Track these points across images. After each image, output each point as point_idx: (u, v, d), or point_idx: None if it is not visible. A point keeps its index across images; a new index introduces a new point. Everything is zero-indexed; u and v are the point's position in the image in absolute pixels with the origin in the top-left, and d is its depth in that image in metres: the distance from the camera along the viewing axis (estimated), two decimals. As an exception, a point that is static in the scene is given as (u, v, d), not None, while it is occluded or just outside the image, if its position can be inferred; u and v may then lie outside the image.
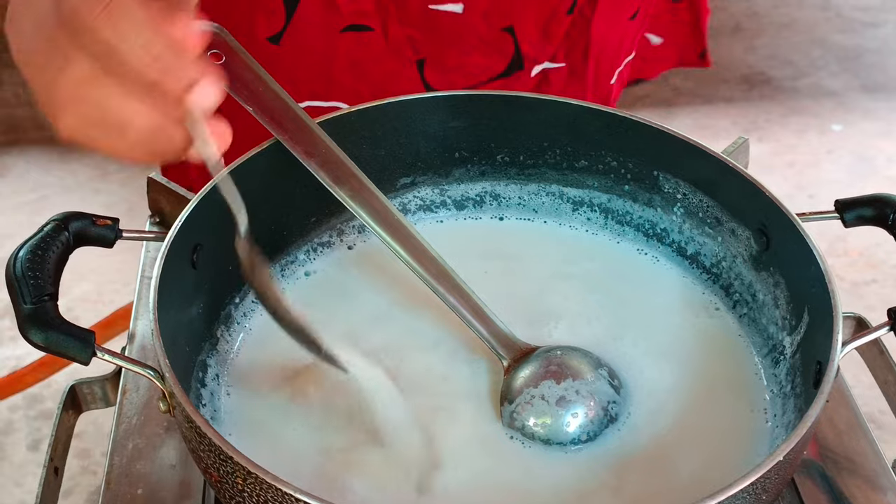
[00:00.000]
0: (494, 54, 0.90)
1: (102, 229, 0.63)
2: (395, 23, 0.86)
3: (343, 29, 0.86)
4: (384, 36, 0.87)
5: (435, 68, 0.91)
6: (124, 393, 0.71)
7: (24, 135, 2.26)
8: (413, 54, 0.89)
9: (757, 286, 0.70)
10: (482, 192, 0.79)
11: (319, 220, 0.75)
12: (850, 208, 0.67)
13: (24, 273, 0.57)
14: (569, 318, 0.72)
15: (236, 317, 0.70)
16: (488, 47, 0.90)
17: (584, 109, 0.74)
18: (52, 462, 0.67)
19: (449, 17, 0.86)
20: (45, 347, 0.55)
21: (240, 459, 0.51)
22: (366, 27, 0.86)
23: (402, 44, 0.88)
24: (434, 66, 0.90)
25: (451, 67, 0.91)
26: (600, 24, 0.92)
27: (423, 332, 0.70)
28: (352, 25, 0.86)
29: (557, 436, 0.62)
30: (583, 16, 0.91)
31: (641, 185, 0.75)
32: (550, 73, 0.93)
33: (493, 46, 0.90)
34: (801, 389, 0.63)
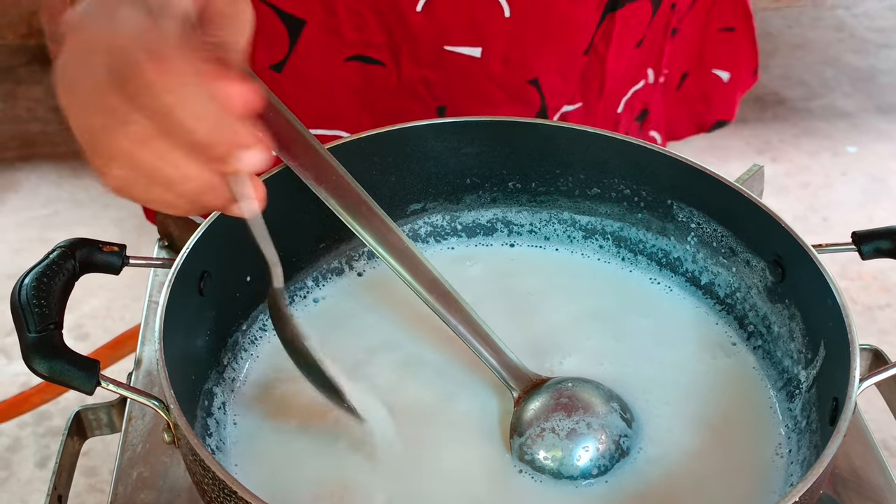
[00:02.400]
0: (520, 106, 0.89)
1: (109, 256, 0.62)
2: (408, 61, 0.85)
3: (348, 58, 0.85)
4: (397, 73, 0.86)
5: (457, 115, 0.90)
6: (129, 420, 0.70)
7: (37, 150, 2.27)
8: (431, 99, 0.88)
9: (772, 318, 0.69)
10: (493, 219, 0.78)
11: (329, 247, 0.74)
12: (867, 241, 0.66)
13: (28, 301, 0.56)
14: (580, 348, 0.71)
15: (243, 344, 0.69)
16: (513, 100, 0.89)
17: (597, 137, 0.73)
18: (55, 490, 0.66)
19: (466, 61, 0.85)
20: (49, 377, 0.55)
21: (244, 494, 0.50)
22: (374, 60, 0.85)
23: (417, 83, 0.87)
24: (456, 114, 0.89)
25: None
26: (613, 60, 0.91)
27: (433, 362, 0.69)
28: (358, 56, 0.85)
29: (568, 470, 0.61)
30: (597, 54, 0.90)
31: (655, 213, 0.74)
32: (569, 116, 0.93)
33: (519, 99, 0.89)
34: (816, 425, 0.62)
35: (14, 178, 2.22)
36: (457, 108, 0.89)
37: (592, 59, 0.90)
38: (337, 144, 0.71)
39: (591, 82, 0.92)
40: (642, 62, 0.98)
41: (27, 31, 2.43)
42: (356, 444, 0.64)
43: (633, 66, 0.96)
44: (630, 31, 0.92)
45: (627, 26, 0.91)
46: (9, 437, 1.73)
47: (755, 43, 1.09)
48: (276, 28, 0.84)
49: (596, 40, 0.89)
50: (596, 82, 0.92)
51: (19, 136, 2.29)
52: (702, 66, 1.07)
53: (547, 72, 0.88)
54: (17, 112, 2.33)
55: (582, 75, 0.91)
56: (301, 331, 0.60)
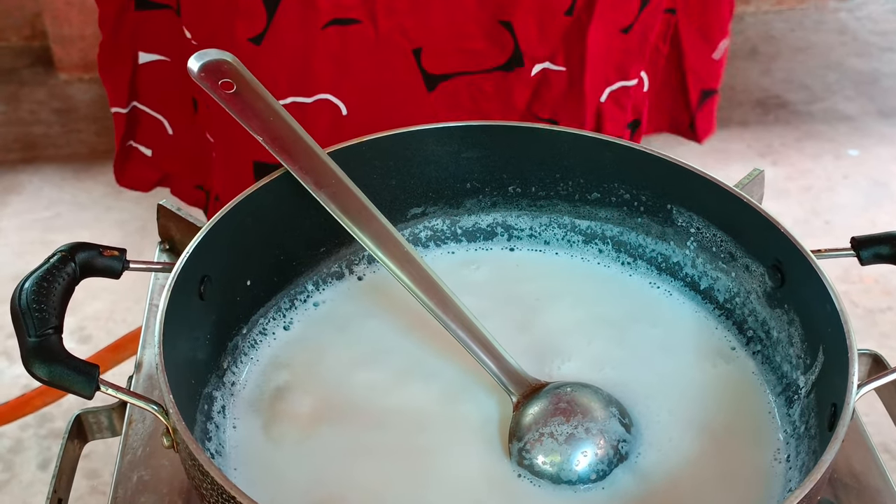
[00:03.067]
0: (495, 46, 0.90)
1: (109, 260, 0.62)
2: (383, 14, 0.85)
3: (325, 25, 0.86)
4: (373, 27, 0.86)
5: (433, 55, 0.91)
6: (130, 423, 0.70)
7: (39, 153, 2.26)
8: (408, 44, 0.88)
9: (771, 323, 0.69)
10: (493, 224, 0.78)
11: (329, 251, 0.75)
12: (867, 246, 0.66)
13: (28, 305, 0.56)
14: (579, 353, 0.71)
15: (243, 348, 0.69)
16: (487, 37, 0.90)
17: (597, 141, 0.74)
18: (55, 494, 0.67)
19: (440, 3, 0.86)
20: (49, 382, 0.55)
21: (242, 499, 0.50)
22: (351, 20, 0.86)
23: (394, 34, 0.87)
24: (432, 54, 0.90)
25: (450, 52, 0.91)
26: (595, 31, 0.92)
27: (432, 366, 0.69)
28: (335, 20, 0.85)
29: (567, 474, 0.62)
30: (580, 21, 0.91)
31: (654, 218, 0.74)
32: (551, 75, 0.93)
33: (492, 37, 0.90)
34: (815, 431, 0.62)
35: (16, 180, 2.22)
36: (433, 48, 0.90)
37: (575, 25, 0.91)
38: (337, 149, 0.71)
39: (573, 46, 0.92)
40: (631, 53, 0.98)
41: (31, 34, 2.43)
42: (355, 449, 0.64)
43: (619, 52, 0.97)
44: (615, 11, 0.93)
45: (611, 4, 0.92)
46: (10, 439, 1.73)
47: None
48: (254, 2, 0.84)
49: (579, 6, 0.90)
50: (578, 49, 0.92)
51: (22, 138, 2.29)
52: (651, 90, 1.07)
53: (522, 18, 0.89)
54: (20, 114, 2.33)
55: (564, 36, 0.92)
56: None
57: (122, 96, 1.02)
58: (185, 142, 1.04)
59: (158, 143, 1.06)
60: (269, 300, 0.71)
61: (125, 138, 1.06)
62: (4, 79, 2.42)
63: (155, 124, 1.04)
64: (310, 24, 0.86)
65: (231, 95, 0.68)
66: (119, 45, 1.00)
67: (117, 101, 1.03)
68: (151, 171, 1.07)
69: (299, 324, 0.72)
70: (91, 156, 2.25)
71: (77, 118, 2.32)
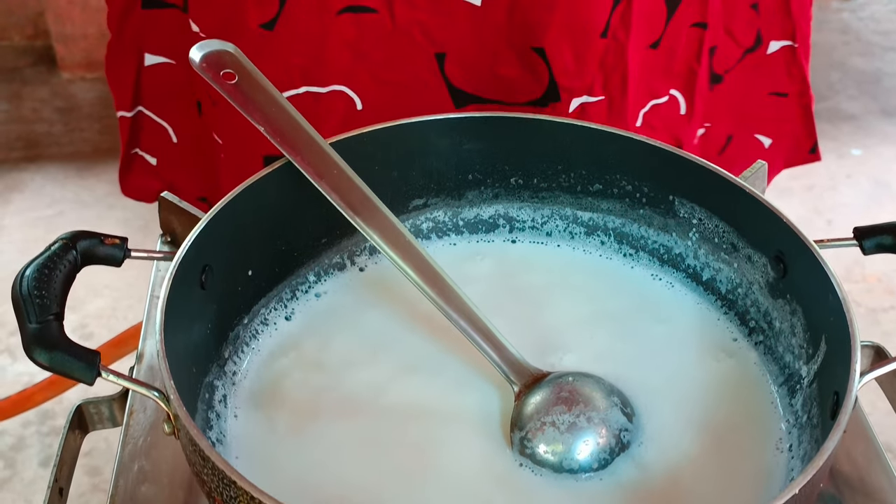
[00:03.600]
0: (530, 75, 0.88)
1: (111, 248, 0.62)
2: (401, 3, 0.84)
3: (340, 11, 0.84)
4: (391, 18, 0.85)
5: (459, 67, 0.88)
6: (131, 413, 0.70)
7: (42, 151, 2.27)
8: (429, 44, 0.87)
9: (773, 314, 0.68)
10: (495, 215, 0.78)
11: (330, 242, 0.74)
12: (870, 236, 0.66)
13: (30, 292, 0.56)
14: (581, 344, 0.71)
15: (245, 338, 0.69)
16: (522, 65, 0.87)
17: (600, 133, 0.74)
18: (56, 483, 0.67)
19: (465, 8, 0.84)
20: (50, 367, 0.54)
21: (243, 484, 0.50)
22: (366, 8, 0.84)
23: (413, 29, 0.85)
24: (458, 64, 0.88)
25: (482, 72, 0.88)
26: (632, 49, 0.89)
27: (434, 356, 0.69)
28: (349, 7, 0.84)
29: (568, 463, 0.61)
30: (617, 40, 0.89)
31: (657, 209, 0.74)
32: (588, 108, 0.91)
33: (526, 66, 0.88)
34: (817, 420, 0.61)
35: (19, 178, 2.22)
36: (460, 56, 0.87)
37: (612, 46, 0.88)
38: (338, 140, 0.71)
39: (612, 73, 0.90)
40: (660, 70, 0.95)
41: (33, 33, 2.44)
42: (356, 439, 0.64)
43: (649, 70, 0.94)
44: (645, 25, 0.90)
45: (643, 17, 0.89)
46: (12, 437, 1.73)
47: (811, 115, 1.05)
48: None
49: (614, 23, 0.87)
50: (618, 74, 0.90)
51: (24, 136, 2.29)
52: (745, 129, 1.04)
53: (555, 43, 0.86)
54: (23, 113, 2.33)
55: (601, 63, 0.89)
56: None
57: (128, 99, 1.00)
58: (189, 150, 1.03)
59: (163, 152, 1.04)
60: (271, 290, 0.71)
61: (130, 145, 1.04)
62: (7, 77, 2.42)
63: (159, 131, 1.02)
64: (324, 9, 0.84)
65: (233, 86, 0.68)
66: (125, 46, 0.98)
67: (123, 105, 1.01)
68: (155, 180, 1.06)
69: (301, 314, 0.72)
70: (94, 154, 2.25)
71: (79, 117, 2.33)
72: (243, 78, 0.68)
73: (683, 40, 0.94)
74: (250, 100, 0.68)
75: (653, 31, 0.92)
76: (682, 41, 0.94)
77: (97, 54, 2.33)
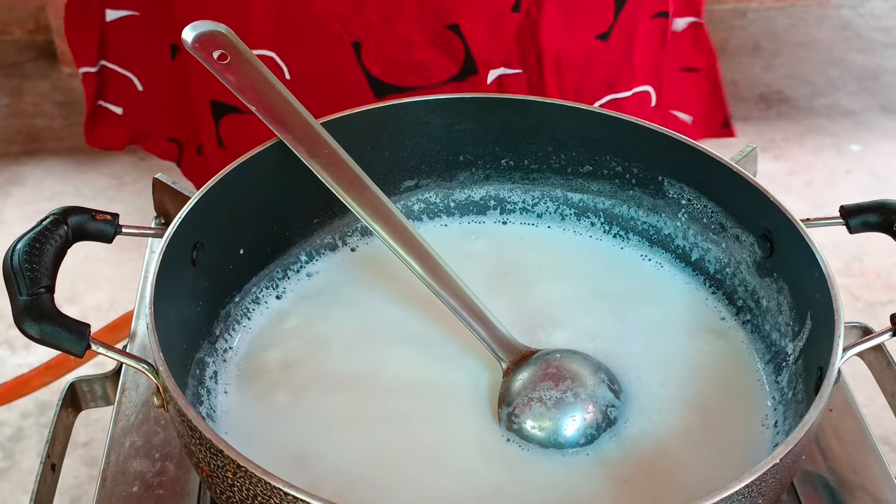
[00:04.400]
0: (445, 55, 0.89)
1: (102, 224, 0.63)
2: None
3: None
4: (308, 8, 0.86)
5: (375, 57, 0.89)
6: (123, 391, 0.71)
7: (42, 145, 2.28)
8: (346, 35, 0.87)
9: (761, 292, 0.69)
10: (486, 197, 0.79)
11: (322, 222, 0.75)
12: (855, 214, 0.66)
13: (20, 265, 0.57)
14: (570, 323, 0.71)
15: (236, 316, 0.70)
16: (433, 45, 0.88)
17: (591, 114, 0.74)
18: (49, 459, 0.67)
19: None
20: (40, 339, 0.55)
21: (230, 453, 0.51)
22: None
23: (329, 18, 0.86)
24: (373, 55, 0.88)
25: (398, 61, 0.89)
26: (551, 31, 0.90)
27: (424, 334, 0.70)
28: None
29: (555, 439, 0.62)
30: (530, 16, 0.89)
31: (646, 190, 0.75)
32: (506, 80, 0.91)
33: (439, 44, 0.88)
34: (802, 396, 0.62)
35: (19, 172, 2.23)
36: (374, 47, 0.88)
37: (526, 23, 0.89)
38: (330, 119, 0.71)
39: (527, 47, 0.90)
40: (615, 64, 0.95)
41: (34, 27, 2.44)
42: (345, 416, 0.65)
43: (600, 61, 0.93)
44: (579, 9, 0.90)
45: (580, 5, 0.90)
46: (11, 428, 1.73)
47: (720, 88, 1.06)
48: None
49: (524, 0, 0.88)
50: (532, 49, 0.90)
51: (25, 130, 2.30)
52: (660, 106, 1.04)
53: (470, 20, 0.87)
54: (23, 107, 2.34)
55: (517, 37, 0.89)
56: None
57: (91, 55, 1.01)
58: (157, 95, 1.03)
59: (129, 101, 1.04)
60: (262, 269, 0.72)
61: (95, 98, 1.05)
62: (8, 72, 2.43)
63: (125, 82, 1.03)
64: None
65: (225, 66, 0.69)
66: (86, 4, 0.99)
67: (86, 61, 1.02)
68: (122, 129, 1.07)
69: (292, 293, 0.73)
70: (93, 148, 2.26)
71: (80, 111, 2.32)
72: (235, 58, 0.69)
73: (643, 33, 0.94)
74: (242, 80, 0.69)
75: (599, 21, 0.92)
76: (641, 34, 0.94)
77: (98, 49, 2.34)
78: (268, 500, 0.50)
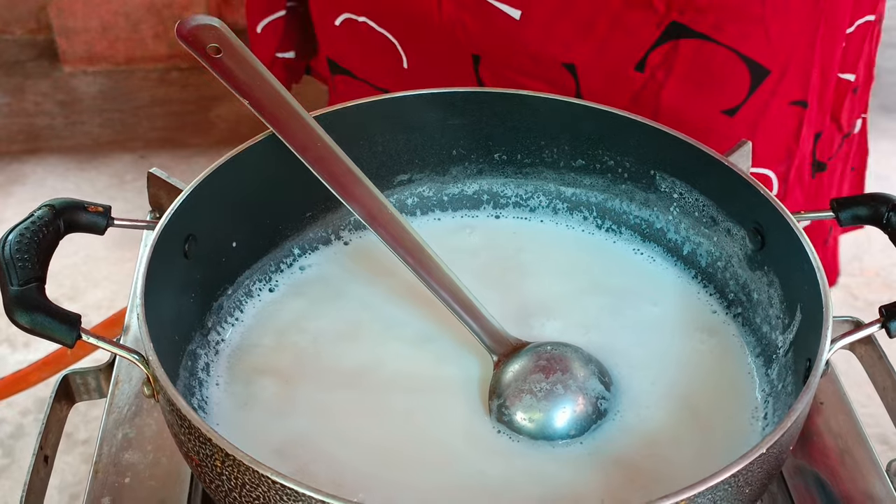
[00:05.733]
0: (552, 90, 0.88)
1: (94, 216, 0.63)
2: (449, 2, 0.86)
3: None
4: (439, 10, 0.87)
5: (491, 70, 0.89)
6: (117, 384, 0.71)
7: (43, 143, 2.28)
8: (468, 43, 0.88)
9: (752, 286, 0.69)
10: (479, 191, 0.79)
11: (315, 216, 0.75)
12: (846, 207, 0.66)
13: (12, 256, 0.57)
14: (562, 317, 0.71)
15: (228, 309, 0.70)
16: (544, 80, 0.89)
17: (583, 108, 0.74)
18: (41, 450, 0.67)
19: (504, 19, 0.85)
20: (31, 329, 0.55)
21: (218, 441, 0.51)
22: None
23: (455, 25, 0.87)
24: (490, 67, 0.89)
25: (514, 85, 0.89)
26: (676, 96, 0.89)
27: (416, 327, 0.70)
28: None
29: (545, 430, 0.62)
30: (654, 80, 0.89)
31: (638, 184, 0.75)
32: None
33: (550, 80, 0.89)
34: (792, 388, 0.62)
35: (21, 170, 2.23)
36: (490, 61, 0.89)
37: (649, 86, 0.89)
38: (323, 113, 0.71)
39: (643, 107, 0.89)
40: (737, 140, 0.91)
41: (36, 26, 2.45)
42: (337, 409, 0.65)
43: (720, 135, 0.90)
44: (712, 80, 0.88)
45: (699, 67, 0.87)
46: (11, 425, 1.74)
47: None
48: None
49: (653, 60, 0.87)
50: (648, 110, 0.89)
51: (26, 129, 2.30)
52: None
53: (587, 64, 0.87)
54: (25, 106, 2.34)
55: (635, 96, 0.89)
56: None
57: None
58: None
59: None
60: (255, 262, 0.72)
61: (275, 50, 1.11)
62: (9, 71, 2.43)
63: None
64: None
65: (217, 60, 0.69)
66: None
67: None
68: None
69: (285, 286, 0.73)
70: (94, 147, 2.26)
71: (80, 110, 2.34)
72: (227, 52, 0.69)
73: (777, 117, 0.92)
74: (234, 73, 0.69)
75: (730, 98, 0.90)
76: (775, 118, 0.92)
77: (99, 48, 2.34)
78: (256, 489, 0.50)
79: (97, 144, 2.27)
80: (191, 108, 2.33)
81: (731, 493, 0.51)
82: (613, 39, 0.87)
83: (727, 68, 0.88)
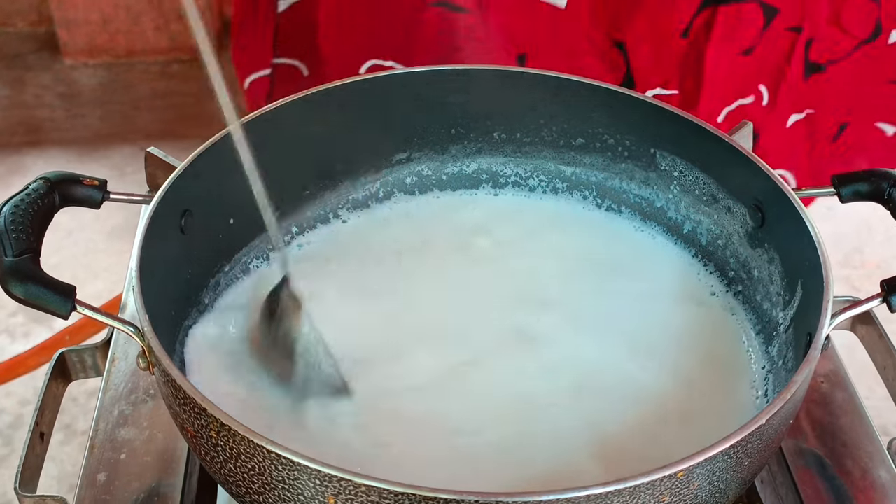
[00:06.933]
0: (607, 68, 0.90)
1: (89, 189, 0.63)
2: (494, 7, 0.86)
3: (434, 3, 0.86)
4: (482, 19, 0.87)
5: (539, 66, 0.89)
6: (113, 362, 0.71)
7: (44, 136, 2.28)
8: (512, 45, 0.89)
9: (752, 263, 0.69)
10: (478, 170, 0.78)
11: (314, 194, 0.75)
12: (847, 183, 0.66)
13: (6, 227, 0.56)
14: (564, 295, 0.71)
15: (225, 285, 0.69)
16: (597, 56, 0.89)
17: (582, 85, 0.74)
18: (37, 427, 0.67)
19: (550, 11, 0.85)
20: (25, 300, 0.55)
21: (213, 411, 0.50)
22: (459, 8, 0.86)
23: (500, 30, 0.87)
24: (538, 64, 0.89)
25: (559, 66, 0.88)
26: (714, 54, 0.91)
27: (411, 306, 0.70)
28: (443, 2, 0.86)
29: None
30: (697, 45, 0.90)
31: (638, 162, 0.74)
32: (660, 98, 0.92)
33: (603, 56, 0.89)
34: (792, 364, 0.62)
35: (21, 162, 2.23)
36: (538, 55, 0.89)
37: (692, 50, 0.90)
38: (318, 90, 0.71)
39: (688, 73, 0.91)
40: (751, 74, 0.96)
41: (37, 19, 2.44)
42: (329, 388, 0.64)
43: (740, 74, 0.94)
44: (735, 35, 0.91)
45: (731, 28, 0.91)
46: (10, 415, 1.73)
47: None
48: None
49: (696, 27, 0.88)
50: (692, 74, 0.91)
51: (26, 121, 2.30)
52: (862, 117, 1.04)
53: (636, 40, 0.88)
54: (25, 98, 2.34)
55: (681, 63, 0.91)
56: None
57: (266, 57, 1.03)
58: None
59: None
60: (253, 240, 0.72)
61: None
62: (10, 63, 2.43)
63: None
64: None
65: None
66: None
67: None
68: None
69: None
70: (95, 139, 2.26)
71: (81, 103, 2.33)
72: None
73: (777, 45, 0.95)
74: None
75: (746, 38, 0.93)
76: (776, 46, 0.95)
77: (100, 40, 2.34)
78: (251, 458, 0.50)
79: (98, 137, 2.26)
80: (191, 100, 2.32)
81: (730, 465, 0.51)
82: (659, 10, 0.88)
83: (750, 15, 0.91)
